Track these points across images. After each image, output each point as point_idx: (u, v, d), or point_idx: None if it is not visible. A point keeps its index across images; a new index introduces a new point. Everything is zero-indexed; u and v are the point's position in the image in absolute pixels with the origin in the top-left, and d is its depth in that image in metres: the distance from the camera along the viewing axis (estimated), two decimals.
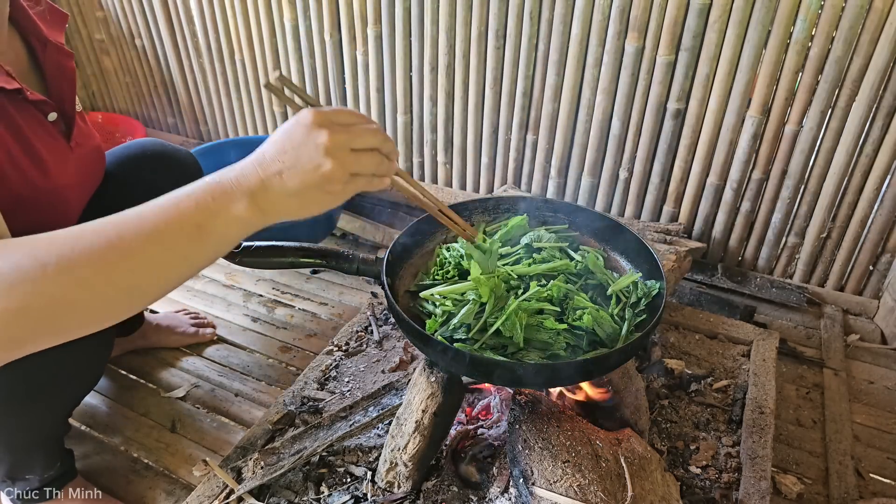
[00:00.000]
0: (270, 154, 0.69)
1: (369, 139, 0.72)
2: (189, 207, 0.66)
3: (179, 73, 2.38)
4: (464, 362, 0.94)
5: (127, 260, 0.63)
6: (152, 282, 0.66)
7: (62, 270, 0.60)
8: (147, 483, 1.29)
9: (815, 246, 1.69)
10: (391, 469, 1.14)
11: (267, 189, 0.68)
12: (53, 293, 0.60)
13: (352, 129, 0.70)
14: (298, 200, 0.70)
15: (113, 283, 0.63)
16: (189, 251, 0.67)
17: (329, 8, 1.92)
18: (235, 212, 0.67)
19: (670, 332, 1.60)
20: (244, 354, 1.62)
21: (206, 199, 0.66)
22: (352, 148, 0.70)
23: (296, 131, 0.69)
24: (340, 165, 0.69)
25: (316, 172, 0.68)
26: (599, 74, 1.66)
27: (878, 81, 1.42)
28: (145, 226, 0.64)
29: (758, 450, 1.25)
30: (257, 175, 0.68)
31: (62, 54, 1.01)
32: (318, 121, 0.69)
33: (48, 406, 1.06)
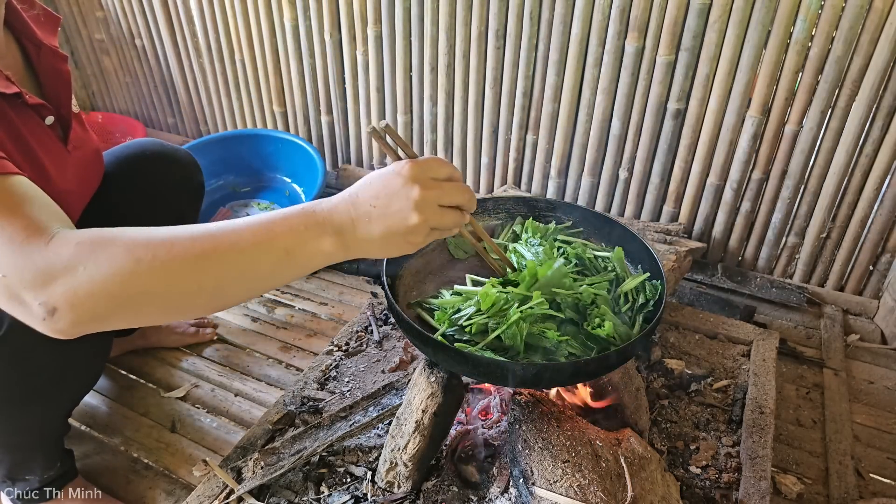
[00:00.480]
0: (364, 197, 0.73)
1: (457, 197, 0.76)
2: (283, 232, 0.71)
3: (179, 73, 2.38)
4: (464, 362, 0.94)
5: (216, 269, 0.68)
6: (236, 290, 0.72)
7: (155, 269, 0.65)
8: (147, 483, 1.29)
9: (815, 246, 1.69)
10: (391, 469, 1.14)
11: (355, 229, 0.72)
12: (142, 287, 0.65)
13: (443, 187, 0.75)
14: (381, 244, 0.74)
15: (199, 287, 0.68)
16: (274, 270, 0.71)
17: (329, 8, 1.92)
18: (323, 245, 0.72)
19: (670, 332, 1.60)
20: (244, 354, 1.62)
21: (300, 227, 0.71)
22: (439, 204, 0.75)
23: (393, 181, 0.73)
24: (425, 220, 0.73)
25: (402, 223, 0.72)
26: (599, 74, 1.66)
27: (878, 81, 1.42)
28: (239, 241, 0.69)
29: (758, 450, 1.25)
30: (349, 214, 0.72)
31: (57, 57, 1.01)
32: (415, 175, 0.73)
33: (47, 406, 1.06)
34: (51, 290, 0.63)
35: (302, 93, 2.15)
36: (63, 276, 0.63)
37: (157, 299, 0.67)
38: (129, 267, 0.64)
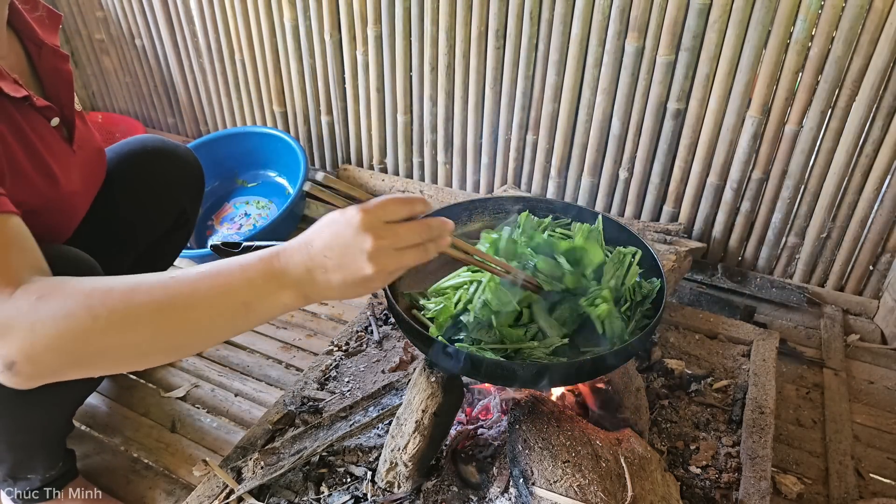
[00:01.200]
0: (317, 247, 0.72)
1: (413, 237, 0.74)
2: (241, 285, 0.70)
3: (179, 73, 2.38)
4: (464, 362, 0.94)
5: (174, 324, 0.68)
6: (193, 343, 0.73)
7: (112, 326, 0.65)
8: (147, 483, 1.29)
9: (815, 246, 1.69)
10: (391, 469, 1.14)
11: (313, 280, 0.71)
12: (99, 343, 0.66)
13: (398, 232, 0.73)
14: (339, 292, 0.73)
15: (156, 342, 0.69)
16: (232, 323, 0.72)
17: (329, 8, 1.92)
18: (282, 298, 0.71)
19: (670, 332, 1.60)
20: (244, 354, 1.62)
21: (258, 280, 0.70)
22: (395, 248, 0.73)
23: (343, 232, 0.71)
24: (382, 269, 0.72)
25: (357, 274, 0.71)
26: (599, 74, 1.66)
27: (878, 81, 1.42)
28: (196, 295, 0.68)
29: (758, 450, 1.25)
30: (305, 265, 0.71)
31: (58, 57, 1.00)
32: (366, 224, 0.71)
33: (53, 405, 1.06)
34: (9, 343, 0.64)
35: (302, 93, 2.15)
36: (20, 331, 0.64)
37: (113, 354, 0.68)
38: (86, 324, 0.65)
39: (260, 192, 2.20)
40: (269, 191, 2.20)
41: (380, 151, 2.13)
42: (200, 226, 2.12)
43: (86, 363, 0.68)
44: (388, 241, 0.72)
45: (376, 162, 2.15)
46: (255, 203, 2.16)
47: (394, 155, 2.11)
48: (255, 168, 2.25)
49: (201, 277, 0.70)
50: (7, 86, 0.85)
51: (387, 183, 2.10)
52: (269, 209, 2.13)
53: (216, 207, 2.17)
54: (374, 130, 2.08)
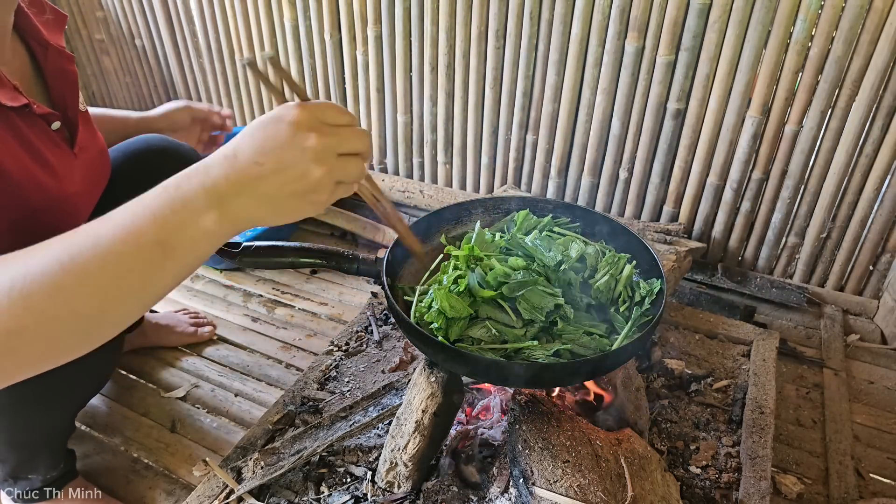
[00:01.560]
0: (246, 154, 0.60)
1: (357, 143, 0.65)
2: (146, 223, 0.58)
3: (179, 73, 2.38)
4: (464, 362, 0.94)
5: (82, 285, 0.56)
6: (115, 306, 0.59)
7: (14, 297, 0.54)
8: (147, 483, 1.29)
9: (815, 246, 1.69)
10: (391, 469, 1.14)
11: (240, 194, 0.60)
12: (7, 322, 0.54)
13: (341, 132, 0.63)
14: (273, 208, 0.62)
15: (71, 311, 0.56)
16: (152, 272, 0.59)
17: (329, 8, 1.92)
18: (203, 224, 0.59)
19: (670, 332, 1.60)
20: (244, 354, 1.62)
21: (165, 211, 0.58)
22: (338, 153, 0.63)
23: (279, 130, 0.61)
24: (328, 173, 0.61)
25: (302, 180, 0.61)
26: (599, 74, 1.66)
27: (878, 81, 1.42)
28: (100, 246, 0.57)
29: (758, 450, 1.25)
30: (227, 178, 0.59)
31: (63, 58, 0.99)
32: (307, 120, 0.61)
33: (56, 407, 1.06)
34: None
35: None
36: None
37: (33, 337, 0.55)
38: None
39: None
40: None
41: (380, 151, 2.13)
42: None
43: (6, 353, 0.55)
44: (333, 140, 0.62)
45: (376, 162, 2.15)
46: None
47: (394, 155, 2.11)
48: None
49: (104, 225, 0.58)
50: (5, 95, 0.84)
51: (387, 183, 2.10)
52: None
53: None
54: (373, 130, 2.08)
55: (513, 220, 1.23)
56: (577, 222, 1.24)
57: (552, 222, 1.23)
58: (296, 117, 0.61)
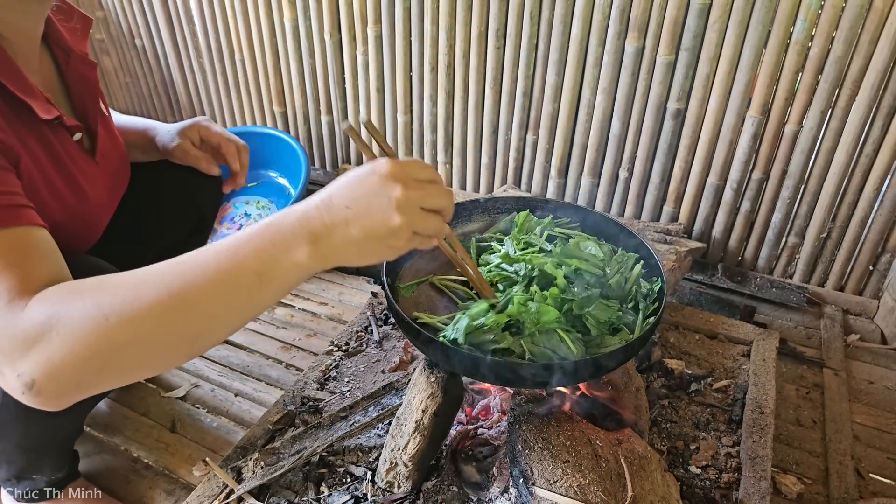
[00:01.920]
0: (339, 199, 0.68)
1: (439, 201, 0.71)
2: (249, 255, 0.65)
3: (179, 73, 2.38)
4: (464, 362, 0.94)
5: (187, 312, 0.64)
6: (213, 330, 0.67)
7: (125, 321, 0.61)
8: (147, 483, 1.29)
9: (815, 246, 1.69)
10: (391, 469, 1.14)
11: (330, 234, 0.67)
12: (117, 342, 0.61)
13: (426, 188, 0.70)
14: (359, 249, 0.68)
15: (174, 334, 0.64)
16: (249, 299, 0.66)
17: (329, 8, 1.92)
18: (296, 258, 0.66)
19: (670, 332, 1.60)
20: (244, 354, 1.62)
21: (266, 245, 0.66)
22: (421, 207, 0.69)
23: (370, 180, 0.68)
24: (408, 222, 0.68)
25: (383, 224, 0.67)
26: (599, 74, 1.66)
27: (878, 81, 1.42)
28: (207, 276, 0.64)
29: (758, 450, 1.25)
30: (322, 220, 0.67)
31: (85, 64, 0.98)
32: (395, 173, 0.68)
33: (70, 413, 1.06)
34: (27, 360, 0.60)
35: (302, 93, 2.15)
36: (38, 345, 0.60)
37: (135, 355, 0.63)
38: (100, 325, 0.60)
39: (260, 192, 2.20)
40: (269, 191, 2.20)
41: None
42: None
43: (107, 370, 0.62)
44: (417, 194, 0.68)
45: None
46: (256, 203, 2.16)
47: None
48: (255, 168, 2.24)
49: (210, 256, 0.65)
50: (39, 107, 0.84)
51: None
52: (269, 209, 2.13)
53: None
54: None
55: (513, 222, 1.23)
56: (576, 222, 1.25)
57: (552, 223, 1.23)
58: (387, 171, 0.68)
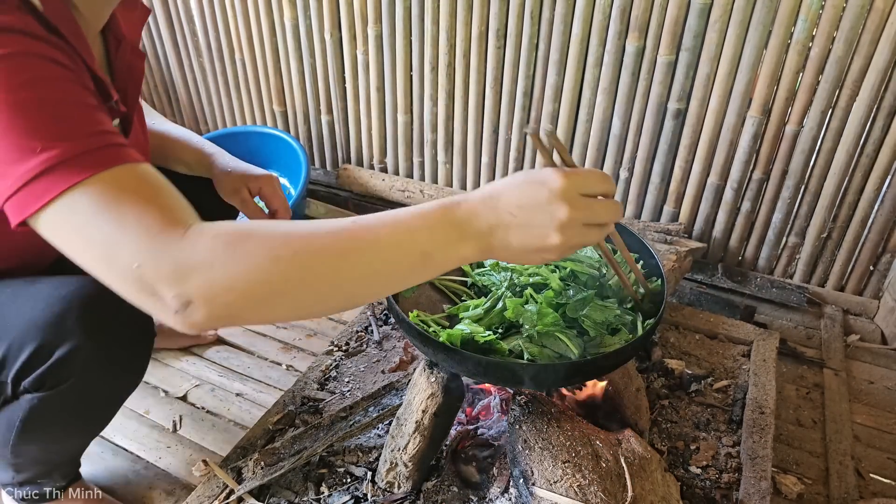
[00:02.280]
0: (506, 202, 0.69)
1: (605, 216, 0.71)
2: (422, 234, 0.67)
3: (179, 72, 2.37)
4: (464, 363, 0.94)
5: (353, 270, 0.65)
6: (368, 290, 0.69)
7: (292, 268, 0.63)
8: (147, 483, 1.29)
9: (816, 246, 1.69)
10: (391, 469, 1.14)
11: (493, 235, 0.69)
12: (279, 280, 0.62)
13: (593, 207, 0.70)
14: (510, 253, 0.70)
15: (335, 288, 0.65)
16: (410, 272, 0.69)
17: (329, 7, 1.92)
18: (462, 250, 0.68)
19: (670, 332, 1.60)
20: (244, 355, 1.62)
21: (439, 228, 0.67)
22: (584, 223, 0.70)
23: (539, 192, 0.68)
24: (566, 241, 0.69)
25: (541, 241, 0.69)
26: (600, 74, 1.66)
27: (879, 81, 1.42)
28: (379, 242, 0.66)
29: (758, 450, 1.25)
30: (488, 220, 0.68)
31: (136, 54, 0.97)
32: (566, 191, 0.68)
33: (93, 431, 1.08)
34: (187, 283, 0.60)
35: (302, 92, 2.15)
36: (200, 270, 0.61)
37: (293, 297, 0.64)
38: (268, 265, 0.62)
39: None
40: None
41: (380, 151, 2.13)
42: None
43: (263, 305, 0.64)
44: (583, 214, 0.69)
45: (376, 161, 2.15)
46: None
47: (394, 154, 2.11)
48: None
49: (382, 224, 0.67)
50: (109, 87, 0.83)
51: (387, 182, 2.09)
52: None
53: None
54: (374, 130, 2.08)
55: None
56: None
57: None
58: (558, 187, 0.68)
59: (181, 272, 0.60)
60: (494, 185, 0.71)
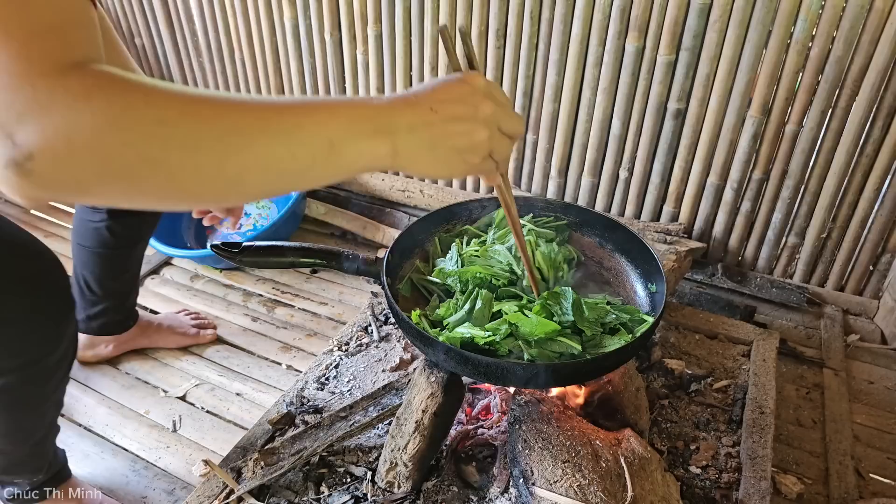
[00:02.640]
0: (425, 100, 0.64)
1: (515, 126, 0.70)
2: (328, 119, 0.59)
3: (179, 73, 2.37)
4: (464, 363, 0.94)
5: (246, 149, 0.55)
6: (259, 181, 0.58)
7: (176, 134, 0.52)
8: (147, 483, 1.29)
9: (816, 246, 1.69)
10: (391, 469, 1.14)
11: (411, 132, 0.63)
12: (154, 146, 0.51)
13: (507, 109, 0.68)
14: (433, 156, 0.65)
15: (220, 165, 0.55)
16: (311, 165, 0.59)
17: (329, 7, 1.91)
18: (374, 147, 0.61)
19: (670, 332, 1.60)
20: (244, 354, 1.62)
21: (349, 116, 0.60)
22: (500, 127, 0.68)
23: (460, 88, 0.66)
24: (489, 139, 0.67)
25: (465, 137, 0.65)
26: (600, 74, 1.66)
27: (879, 81, 1.42)
28: (280, 119, 0.57)
29: (758, 450, 1.25)
30: (406, 118, 0.63)
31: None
32: (487, 90, 0.67)
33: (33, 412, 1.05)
34: (37, 127, 0.47)
35: (302, 92, 2.14)
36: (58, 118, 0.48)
37: (165, 173, 0.53)
38: (149, 124, 0.51)
39: None
40: None
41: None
42: (200, 225, 2.11)
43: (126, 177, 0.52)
44: (504, 112, 0.67)
45: None
46: (255, 203, 2.16)
47: None
48: None
49: (289, 106, 0.59)
50: None
51: (386, 183, 2.09)
52: (268, 209, 2.13)
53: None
54: None
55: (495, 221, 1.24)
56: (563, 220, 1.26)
57: (532, 220, 1.23)
58: (478, 83, 0.67)
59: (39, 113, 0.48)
60: (407, 90, 0.66)
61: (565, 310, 0.98)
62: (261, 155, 0.56)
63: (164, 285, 1.86)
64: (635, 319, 1.03)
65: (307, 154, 0.59)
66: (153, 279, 1.89)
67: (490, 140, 0.67)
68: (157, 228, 1.89)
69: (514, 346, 0.97)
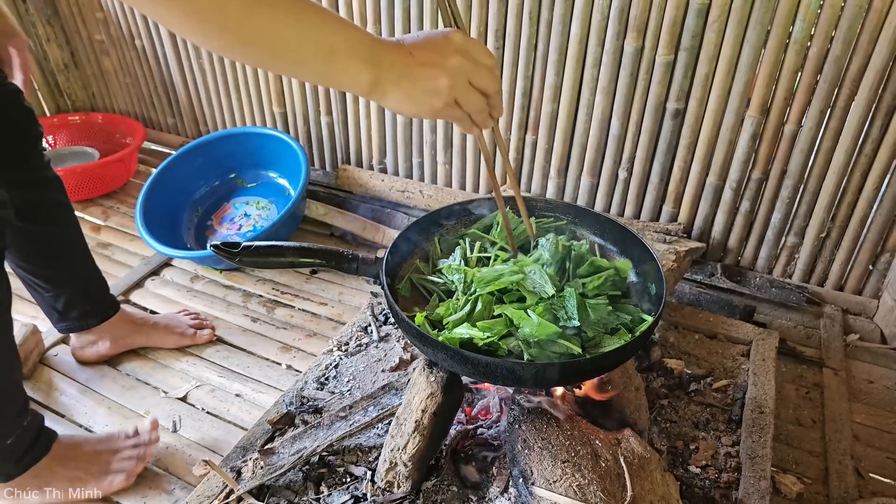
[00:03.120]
0: (409, 45, 0.77)
1: (487, 83, 0.81)
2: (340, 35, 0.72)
3: (179, 73, 2.38)
4: (464, 363, 0.94)
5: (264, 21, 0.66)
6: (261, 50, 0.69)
7: None
8: (147, 483, 1.29)
9: (815, 245, 1.69)
10: (391, 469, 1.14)
11: (392, 69, 0.75)
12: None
13: (479, 67, 0.79)
14: (405, 94, 0.77)
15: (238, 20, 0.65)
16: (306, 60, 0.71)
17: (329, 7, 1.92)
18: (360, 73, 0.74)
19: (670, 332, 1.60)
20: (244, 355, 1.62)
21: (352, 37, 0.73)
22: (470, 81, 0.79)
23: (439, 42, 0.77)
24: (451, 88, 0.77)
25: (430, 81, 0.77)
26: (599, 74, 1.66)
27: (878, 81, 1.42)
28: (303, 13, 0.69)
29: (757, 449, 1.25)
30: (392, 55, 0.75)
31: None
32: (461, 46, 0.78)
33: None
34: None
35: (301, 93, 2.15)
36: None
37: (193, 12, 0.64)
38: None
39: (260, 193, 2.20)
40: (269, 191, 2.20)
41: (379, 152, 2.13)
42: (200, 226, 2.12)
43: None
44: (470, 66, 0.78)
45: (376, 162, 2.16)
46: (255, 203, 2.16)
47: (393, 155, 2.11)
48: (255, 168, 2.25)
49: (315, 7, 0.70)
50: None
51: (386, 183, 2.10)
52: (269, 209, 2.13)
53: (216, 207, 2.17)
54: (373, 131, 2.09)
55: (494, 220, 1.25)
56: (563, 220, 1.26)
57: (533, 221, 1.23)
58: (455, 40, 0.78)
59: None
60: (403, 36, 0.79)
61: (571, 314, 0.98)
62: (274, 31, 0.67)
63: (164, 286, 1.86)
64: (635, 319, 1.04)
65: (309, 49, 0.70)
66: (153, 280, 1.89)
67: (451, 89, 0.78)
68: (156, 229, 1.91)
69: (513, 347, 0.97)
